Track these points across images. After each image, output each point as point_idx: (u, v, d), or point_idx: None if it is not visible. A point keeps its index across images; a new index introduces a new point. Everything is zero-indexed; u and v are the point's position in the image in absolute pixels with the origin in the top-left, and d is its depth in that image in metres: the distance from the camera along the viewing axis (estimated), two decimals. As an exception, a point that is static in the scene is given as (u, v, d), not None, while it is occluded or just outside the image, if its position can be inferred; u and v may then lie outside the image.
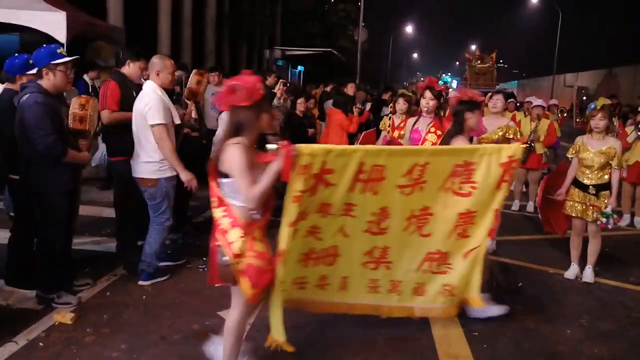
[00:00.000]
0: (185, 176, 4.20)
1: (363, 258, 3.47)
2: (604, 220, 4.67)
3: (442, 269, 3.59)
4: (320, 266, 3.39)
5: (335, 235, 3.34)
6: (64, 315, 3.60)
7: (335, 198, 3.18)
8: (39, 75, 3.69)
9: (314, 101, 9.04)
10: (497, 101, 5.37)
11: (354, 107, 7.75)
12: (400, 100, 6.25)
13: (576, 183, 4.92)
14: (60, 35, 7.16)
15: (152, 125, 4.06)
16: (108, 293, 4.11)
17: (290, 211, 2.98)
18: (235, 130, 2.71)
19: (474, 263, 3.56)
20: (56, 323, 3.55)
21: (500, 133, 5.16)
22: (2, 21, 7.26)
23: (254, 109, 2.69)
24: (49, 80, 3.67)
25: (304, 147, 2.92)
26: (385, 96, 10.02)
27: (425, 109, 4.79)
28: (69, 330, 3.47)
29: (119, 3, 13.85)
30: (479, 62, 30.09)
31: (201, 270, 4.65)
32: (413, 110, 6.32)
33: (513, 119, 8.21)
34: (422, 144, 4.63)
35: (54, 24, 7.27)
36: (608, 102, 4.85)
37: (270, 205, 2.81)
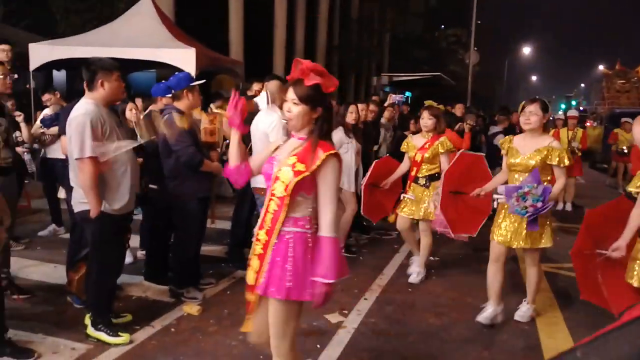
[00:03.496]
0: None
1: None
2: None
3: None
4: None
5: None
6: (191, 308, 4.08)
7: None
8: (175, 98, 4.16)
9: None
10: (532, 115, 3.78)
11: (463, 125, 7.78)
12: (426, 115, 4.77)
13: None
14: (190, 69, 8.06)
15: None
16: (228, 292, 4.55)
17: None
18: None
19: None
20: (185, 314, 4.03)
21: (538, 157, 3.74)
22: (145, 58, 8.38)
23: None
24: (188, 100, 4.12)
25: None
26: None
27: (289, 122, 2.41)
28: (195, 320, 3.93)
29: (240, 39, 15.11)
30: (619, 78, 24.72)
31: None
32: (443, 128, 4.98)
33: (556, 136, 7.91)
34: (273, 182, 2.37)
35: (185, 59, 8.23)
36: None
37: None
